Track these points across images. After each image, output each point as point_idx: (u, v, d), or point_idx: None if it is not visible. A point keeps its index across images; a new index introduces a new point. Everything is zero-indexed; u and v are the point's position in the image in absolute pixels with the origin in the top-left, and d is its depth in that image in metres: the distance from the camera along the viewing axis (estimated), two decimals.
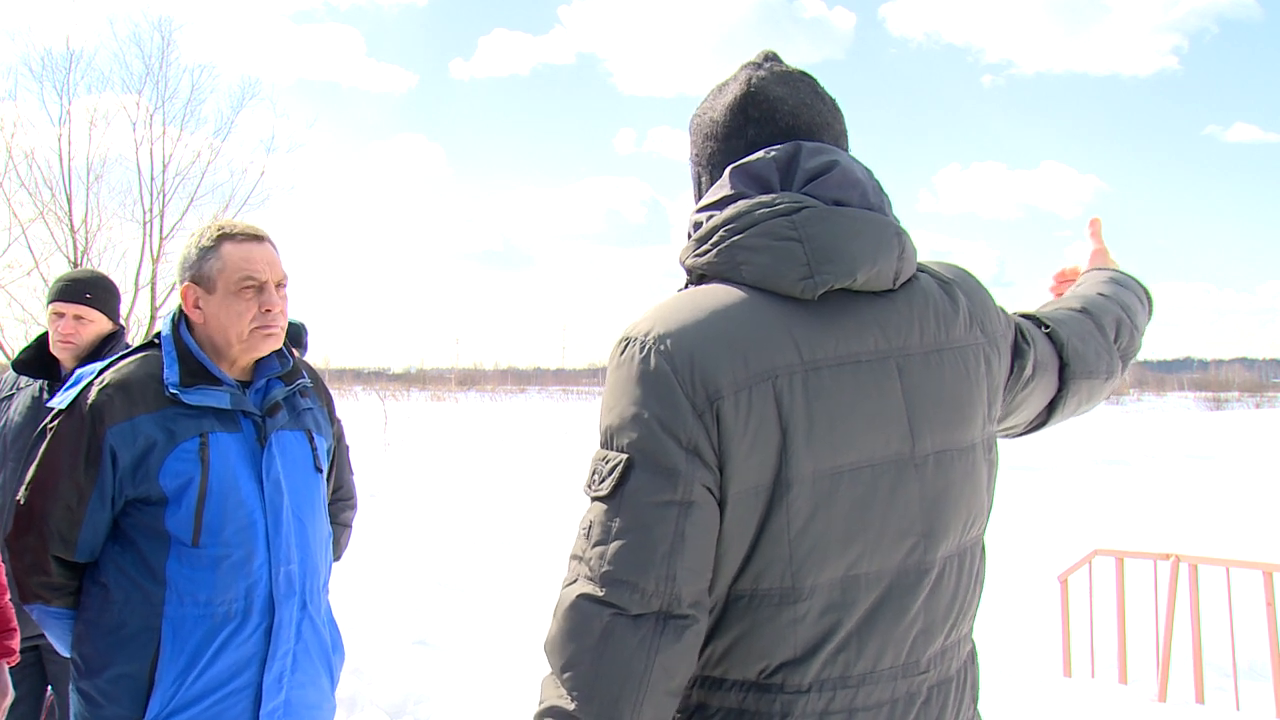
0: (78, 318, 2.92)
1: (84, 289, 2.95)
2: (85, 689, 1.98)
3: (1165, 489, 16.89)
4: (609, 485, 1.13)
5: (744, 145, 1.27)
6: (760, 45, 1.36)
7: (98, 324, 2.96)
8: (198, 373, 2.01)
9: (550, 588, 4.59)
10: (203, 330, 2.06)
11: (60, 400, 2.01)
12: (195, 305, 2.05)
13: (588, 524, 1.14)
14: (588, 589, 1.12)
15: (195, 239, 2.07)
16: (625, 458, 1.13)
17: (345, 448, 2.77)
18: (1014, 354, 1.38)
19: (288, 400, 2.12)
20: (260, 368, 2.10)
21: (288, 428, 2.10)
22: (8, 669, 2.25)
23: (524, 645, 5.43)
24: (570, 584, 1.14)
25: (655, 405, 1.12)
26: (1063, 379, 1.47)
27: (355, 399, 39.49)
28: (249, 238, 2.05)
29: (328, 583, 2.20)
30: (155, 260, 16.39)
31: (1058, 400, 1.48)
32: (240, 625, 1.98)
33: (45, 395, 2.91)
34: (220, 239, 2.04)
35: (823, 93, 1.31)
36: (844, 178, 1.23)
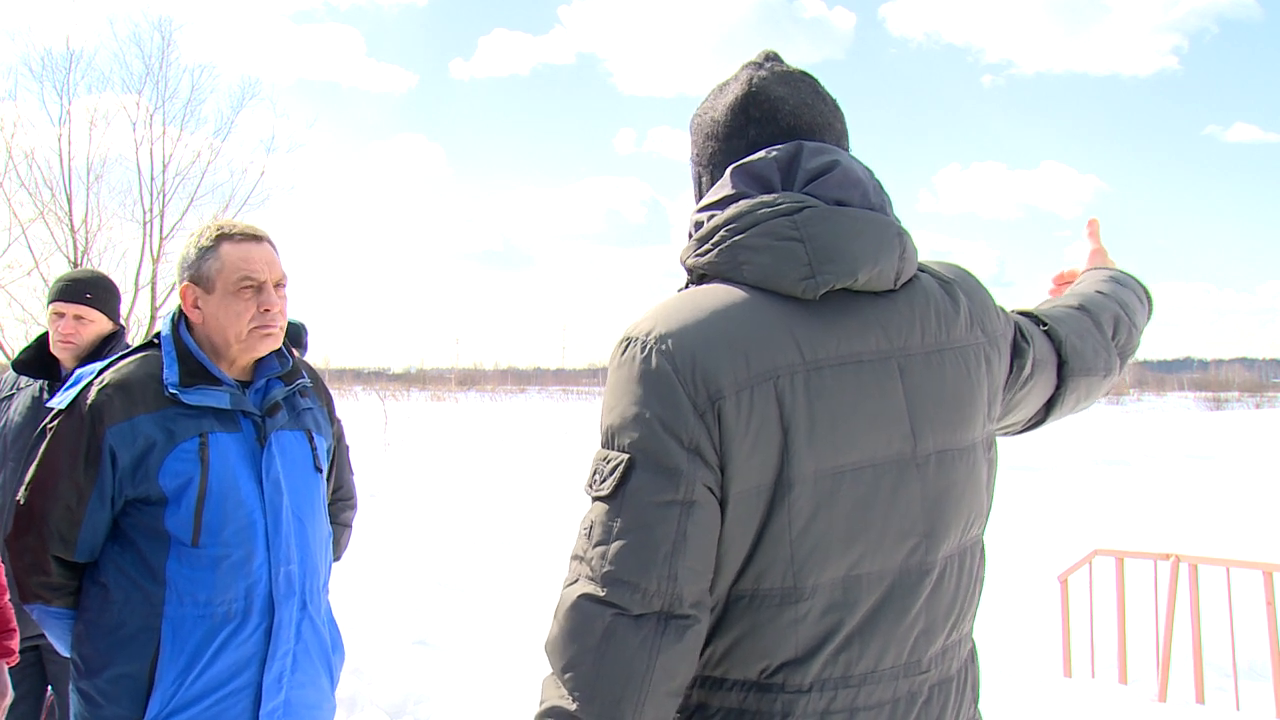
0: (78, 318, 2.92)
1: (84, 289, 2.95)
2: (85, 689, 1.98)
3: (1165, 489, 16.89)
4: (610, 485, 1.13)
5: (745, 145, 1.27)
6: (760, 45, 1.36)
7: (98, 324, 2.96)
8: (197, 373, 2.01)
9: (550, 588, 4.59)
10: (202, 330, 2.06)
11: (60, 400, 2.01)
12: (194, 305, 2.05)
13: (589, 524, 1.14)
14: (589, 589, 1.11)
15: (194, 239, 2.07)
16: (627, 458, 1.13)
17: (345, 448, 2.77)
18: (1013, 353, 1.38)
19: (287, 400, 2.12)
20: (260, 368, 2.10)
21: (287, 428, 2.10)
22: (7, 669, 2.25)
23: (524, 645, 5.43)
24: (571, 584, 1.14)
25: (657, 405, 1.12)
26: (1061, 376, 1.47)
27: (355, 399, 39.49)
28: (247, 238, 2.05)
29: (328, 583, 2.20)
30: (155, 260, 16.39)
31: (1056, 398, 1.48)
32: (240, 625, 1.98)
33: (45, 395, 2.91)
34: (219, 239, 2.04)
35: (824, 93, 1.31)
36: (845, 177, 1.23)
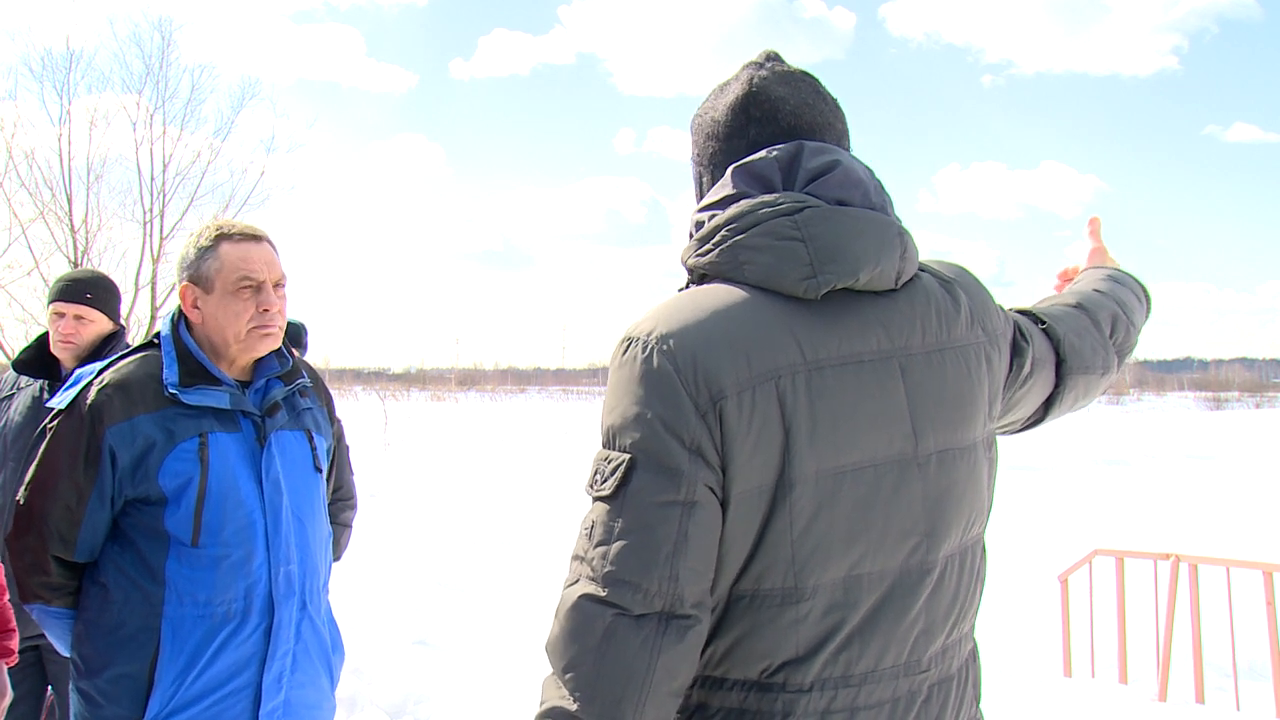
0: (78, 318, 2.92)
1: (84, 289, 2.95)
2: (85, 689, 1.98)
3: (1165, 489, 16.89)
4: (611, 485, 1.13)
5: (745, 145, 1.27)
6: (760, 45, 1.36)
7: (98, 324, 2.95)
8: (197, 373, 2.01)
9: (550, 588, 4.59)
10: (201, 330, 2.05)
11: (60, 400, 2.01)
12: (193, 305, 2.05)
13: (590, 524, 1.14)
14: (590, 589, 1.11)
15: (194, 239, 2.07)
16: (628, 458, 1.12)
17: (345, 448, 2.77)
18: (1013, 351, 1.38)
19: (287, 400, 2.12)
20: (260, 367, 2.10)
21: (287, 428, 2.09)
22: (6, 670, 2.24)
23: (524, 645, 5.43)
24: (572, 584, 1.13)
25: (658, 405, 1.12)
26: (1059, 375, 1.47)
27: (355, 399, 39.49)
28: (247, 237, 2.05)
29: (327, 583, 2.20)
30: (155, 260, 16.39)
31: (1054, 396, 1.48)
32: (240, 625, 1.97)
33: (45, 395, 2.91)
34: (218, 239, 2.04)
35: (824, 92, 1.31)
36: (846, 177, 1.23)
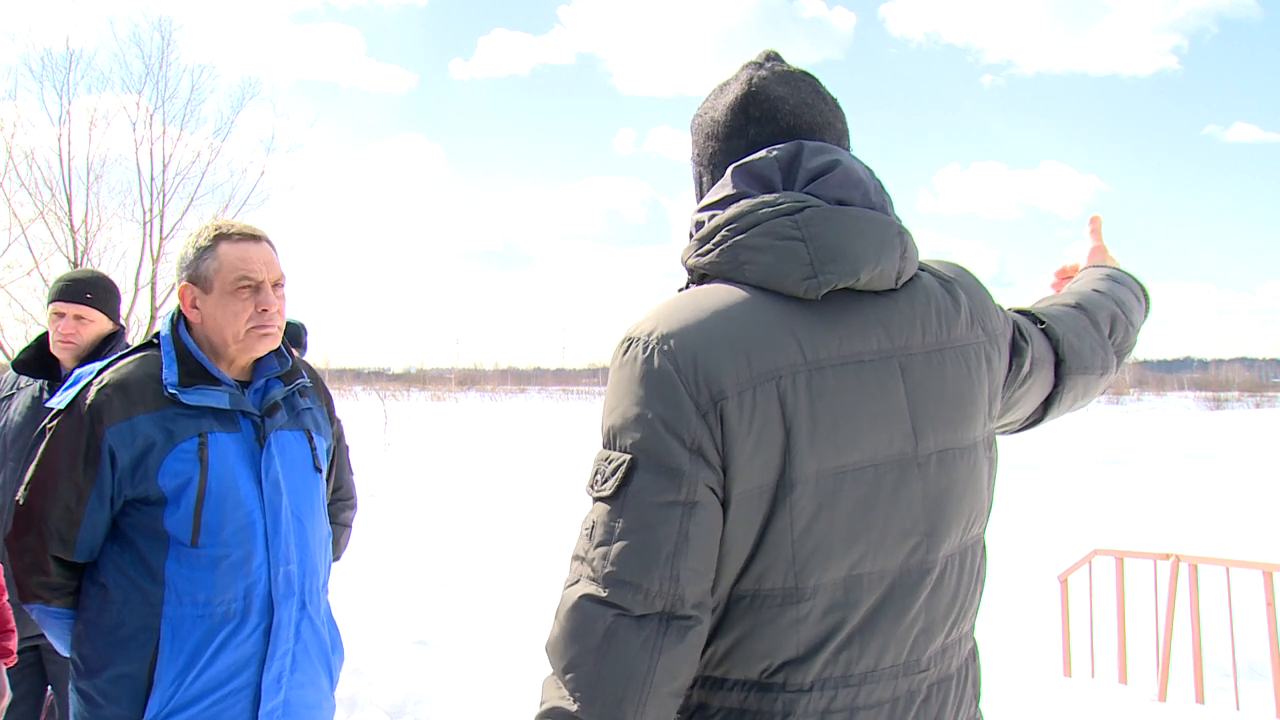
0: (78, 318, 2.92)
1: (84, 289, 2.95)
2: (84, 689, 1.98)
3: (1165, 489, 16.89)
4: (612, 486, 1.12)
5: (745, 145, 1.27)
6: (760, 45, 1.36)
7: (98, 324, 2.95)
8: (196, 373, 2.01)
9: (551, 588, 4.59)
10: (200, 330, 2.05)
11: (59, 400, 2.01)
12: (193, 305, 2.04)
13: (590, 524, 1.14)
14: (590, 590, 1.11)
15: (193, 239, 2.07)
16: (628, 458, 1.12)
17: (345, 448, 2.77)
18: (1012, 351, 1.38)
19: (287, 400, 2.12)
20: (259, 367, 2.10)
21: (287, 428, 2.09)
22: (5, 670, 2.24)
23: (524, 645, 5.43)
24: (572, 585, 1.13)
25: (659, 405, 1.12)
26: (1058, 375, 1.47)
27: (355, 399, 39.49)
28: (245, 237, 2.05)
29: (327, 583, 2.19)
30: (155, 260, 16.39)
31: (1054, 396, 1.48)
32: (239, 625, 1.97)
33: (45, 395, 2.91)
34: (217, 239, 2.03)
35: (824, 92, 1.31)
36: (846, 177, 1.23)
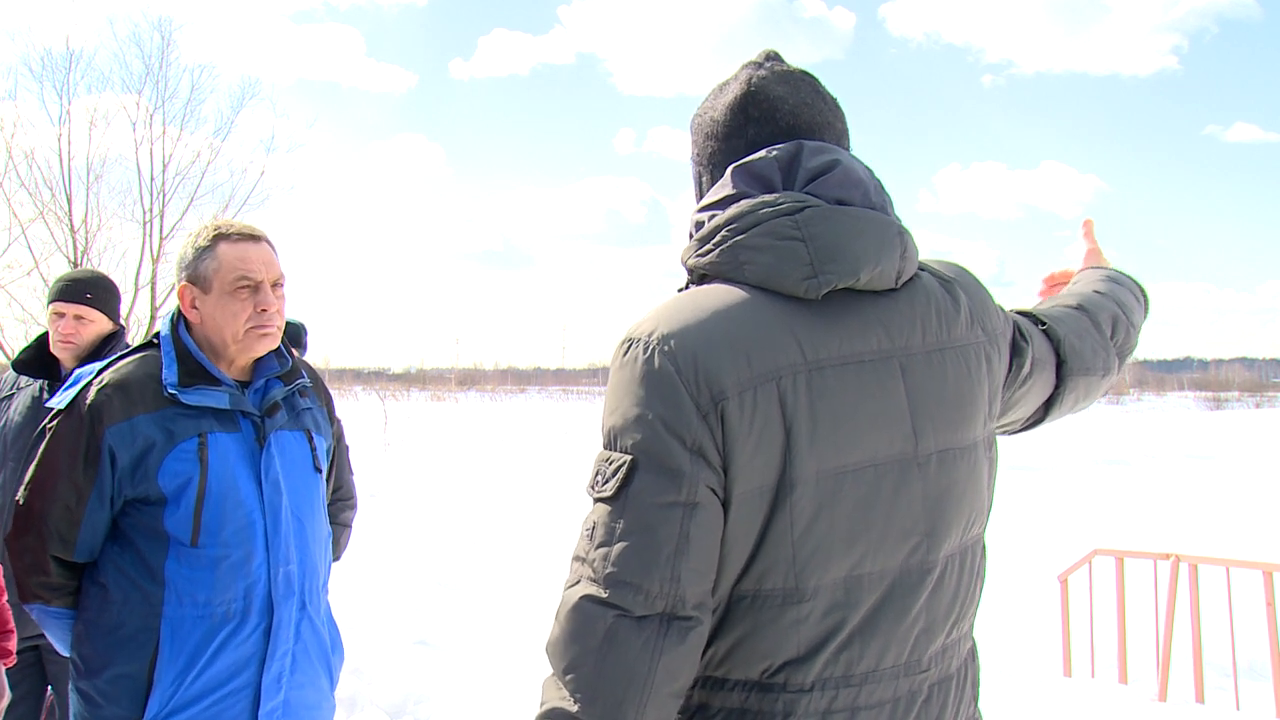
0: (78, 318, 2.92)
1: (84, 289, 2.95)
2: (84, 689, 1.98)
3: (1165, 489, 16.89)
4: (613, 486, 1.12)
5: (744, 145, 1.27)
6: (760, 45, 1.36)
7: (98, 324, 2.95)
8: (196, 373, 2.01)
9: (551, 588, 4.59)
10: (200, 330, 2.05)
11: (59, 400, 2.01)
12: (192, 305, 2.04)
13: (591, 525, 1.14)
14: (591, 590, 1.11)
15: (192, 239, 2.07)
16: (629, 459, 1.12)
17: (345, 448, 2.77)
18: (1012, 351, 1.38)
19: (287, 400, 2.12)
20: (259, 367, 2.10)
21: (287, 428, 2.09)
22: (5, 670, 2.24)
23: (524, 645, 5.43)
24: (573, 585, 1.13)
25: (659, 406, 1.12)
26: (1060, 376, 1.47)
27: (355, 399, 39.49)
28: (245, 237, 2.05)
29: (327, 583, 2.19)
30: (155, 260, 16.39)
31: (1055, 397, 1.48)
32: (239, 625, 1.97)
33: (45, 395, 2.91)
34: (216, 239, 2.03)
35: (824, 92, 1.30)
36: (846, 177, 1.23)
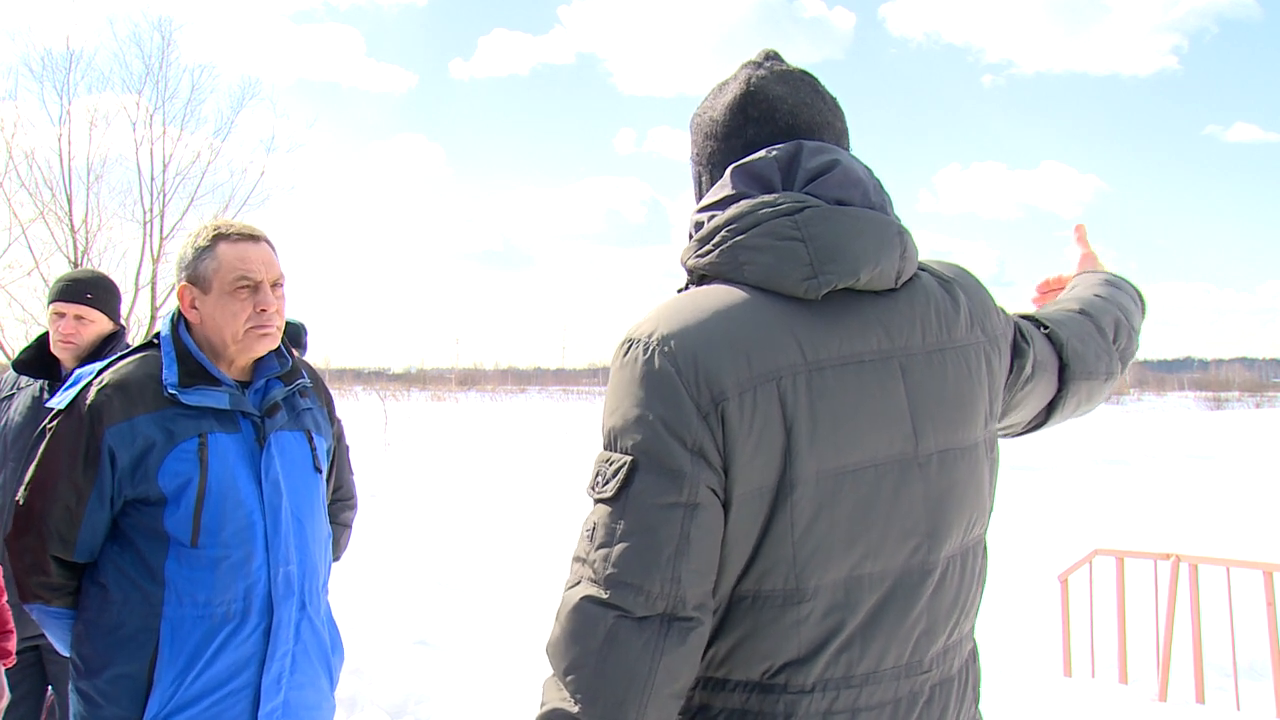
0: (78, 318, 2.91)
1: (85, 289, 2.95)
2: (84, 689, 1.98)
3: (1165, 489, 16.89)
4: (613, 487, 1.12)
5: (743, 145, 1.27)
6: (760, 45, 1.36)
7: (98, 324, 2.95)
8: (197, 373, 2.01)
9: (551, 588, 4.59)
10: (200, 331, 2.05)
11: (59, 400, 2.01)
12: (192, 305, 2.04)
13: (591, 526, 1.14)
14: (591, 591, 1.11)
15: (191, 239, 2.07)
16: (629, 460, 1.12)
17: (345, 448, 2.77)
18: (1013, 353, 1.37)
19: (287, 400, 2.12)
20: (259, 368, 2.10)
21: (287, 428, 2.09)
22: (5, 671, 2.24)
23: (524, 645, 5.43)
24: (573, 586, 1.13)
25: (659, 407, 1.12)
26: (1062, 380, 1.46)
27: (355, 399, 39.47)
28: (244, 237, 2.05)
29: (327, 583, 2.19)
30: (155, 260, 16.39)
31: (1057, 401, 1.48)
32: (239, 626, 1.97)
33: (46, 395, 2.90)
34: (215, 239, 2.03)
35: (823, 91, 1.30)
36: (846, 177, 1.23)
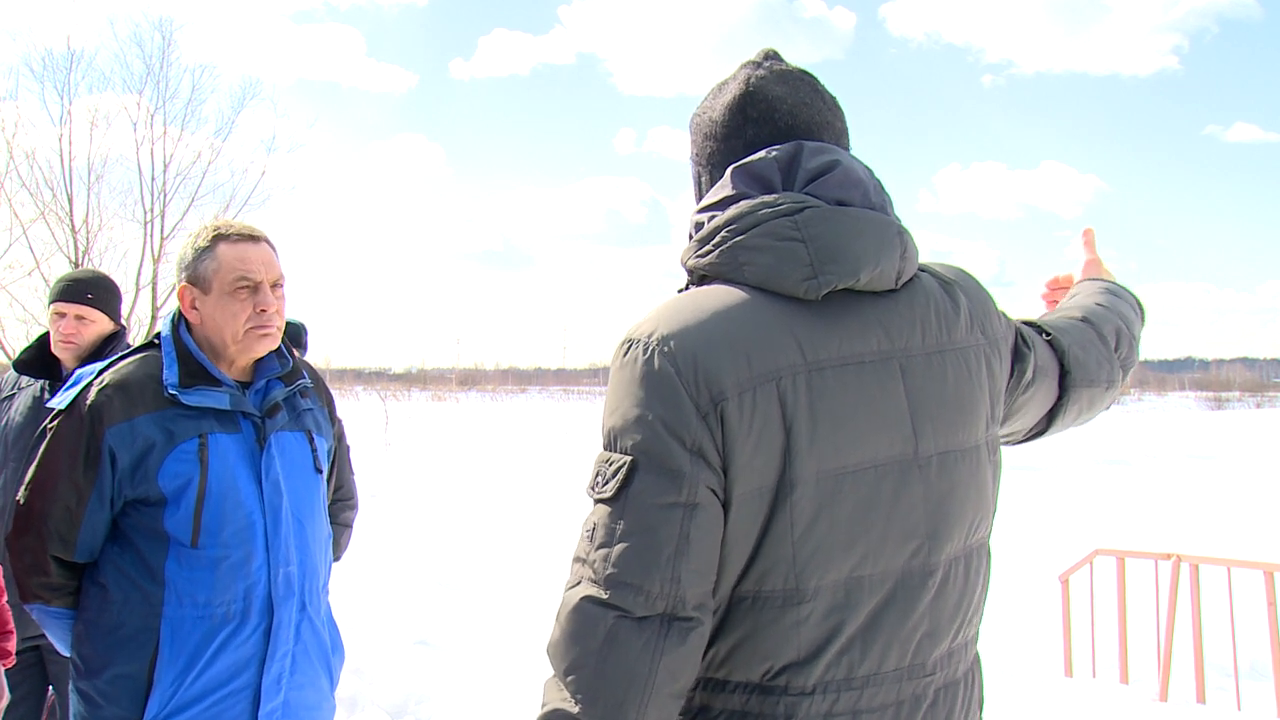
0: (79, 318, 2.91)
1: (85, 289, 2.94)
2: (84, 689, 1.98)
3: (1166, 489, 16.89)
4: (613, 487, 1.12)
5: (743, 145, 1.27)
6: (760, 45, 1.36)
7: (99, 324, 2.95)
8: (197, 373, 2.00)
9: (551, 588, 4.59)
10: (200, 331, 2.05)
11: (60, 401, 2.01)
12: (192, 306, 2.04)
13: (591, 526, 1.14)
14: (591, 591, 1.11)
15: (192, 240, 2.07)
16: (629, 460, 1.12)
17: (346, 448, 2.77)
18: (1014, 357, 1.37)
19: (288, 401, 2.12)
20: (260, 368, 2.10)
21: (287, 428, 2.09)
22: (5, 671, 2.24)
23: (525, 645, 5.43)
24: (573, 586, 1.13)
25: (659, 407, 1.12)
26: (1063, 386, 1.46)
27: (356, 399, 39.50)
28: (244, 238, 2.05)
29: (327, 583, 2.19)
30: (156, 260, 16.39)
31: (1058, 408, 1.47)
32: (239, 626, 1.97)
33: (46, 395, 2.90)
34: (215, 239, 2.03)
35: (823, 91, 1.30)
36: (846, 177, 1.22)
